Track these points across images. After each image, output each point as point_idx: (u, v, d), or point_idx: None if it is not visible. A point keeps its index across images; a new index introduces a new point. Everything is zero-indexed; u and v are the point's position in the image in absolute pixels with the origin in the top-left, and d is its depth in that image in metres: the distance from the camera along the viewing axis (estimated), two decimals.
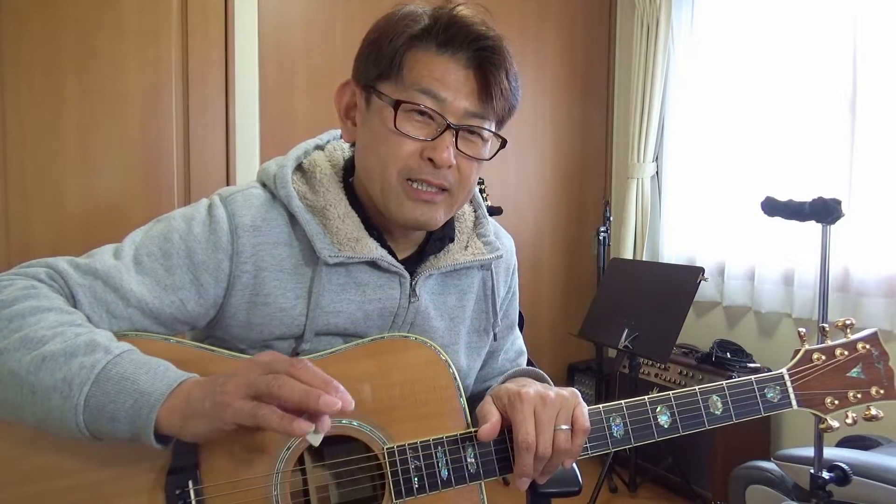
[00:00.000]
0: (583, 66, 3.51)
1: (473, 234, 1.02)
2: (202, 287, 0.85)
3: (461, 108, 0.83)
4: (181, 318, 0.85)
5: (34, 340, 0.71)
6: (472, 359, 1.04)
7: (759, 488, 1.90)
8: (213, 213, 0.86)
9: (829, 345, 0.98)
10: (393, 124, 0.82)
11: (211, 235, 0.85)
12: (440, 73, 0.82)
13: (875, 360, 0.97)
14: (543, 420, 0.80)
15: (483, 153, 0.88)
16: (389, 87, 0.84)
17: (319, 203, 0.89)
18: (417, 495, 0.82)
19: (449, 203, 0.89)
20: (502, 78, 0.84)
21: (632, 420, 0.88)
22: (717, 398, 0.91)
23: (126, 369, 0.70)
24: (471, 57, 0.83)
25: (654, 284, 2.61)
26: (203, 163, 2.47)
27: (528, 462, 0.80)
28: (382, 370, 0.87)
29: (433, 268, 0.95)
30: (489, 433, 0.82)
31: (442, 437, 0.84)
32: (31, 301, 0.75)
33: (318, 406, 0.66)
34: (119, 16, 2.29)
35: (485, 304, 1.04)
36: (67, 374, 0.69)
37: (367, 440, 0.83)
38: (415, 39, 0.83)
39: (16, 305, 0.74)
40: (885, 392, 0.96)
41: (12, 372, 0.70)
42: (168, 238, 0.85)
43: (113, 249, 0.85)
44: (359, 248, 0.88)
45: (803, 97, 2.62)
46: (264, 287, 0.86)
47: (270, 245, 0.87)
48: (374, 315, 0.92)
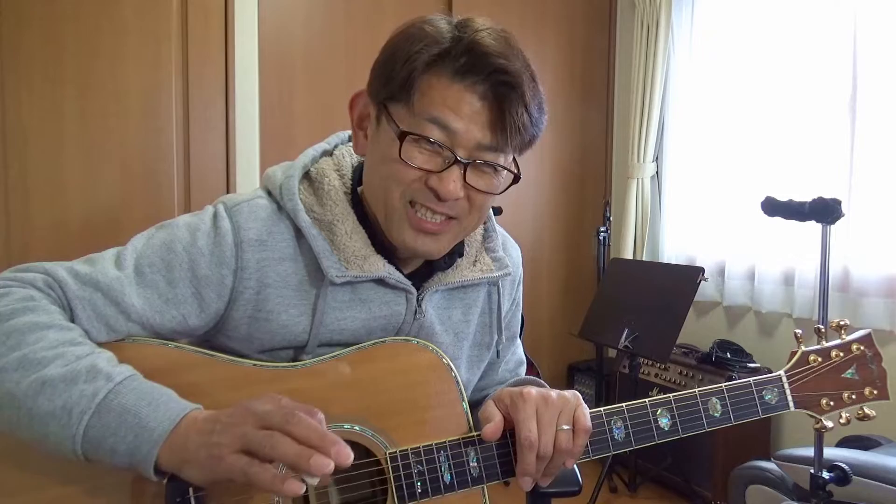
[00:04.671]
0: (583, 66, 3.51)
1: (482, 248, 1.00)
2: (204, 301, 0.83)
3: (473, 141, 0.79)
4: (181, 331, 0.84)
5: (33, 362, 0.69)
6: (472, 372, 1.03)
7: (759, 488, 1.90)
8: (217, 225, 0.84)
9: (825, 346, 0.98)
10: (398, 154, 0.79)
11: (215, 249, 0.83)
12: (454, 102, 0.78)
13: (869, 360, 0.98)
14: (545, 419, 0.80)
15: (495, 186, 0.84)
16: (399, 112, 0.80)
17: (327, 217, 0.87)
18: (420, 500, 0.82)
19: (456, 231, 0.87)
20: (519, 108, 0.79)
21: (633, 423, 0.88)
22: (717, 400, 0.91)
23: (128, 400, 0.69)
24: (488, 89, 0.78)
25: (654, 284, 2.61)
26: (203, 163, 2.47)
27: (531, 461, 0.80)
28: (384, 374, 0.86)
29: (440, 283, 0.93)
30: (493, 433, 0.82)
31: (444, 441, 0.84)
32: (30, 315, 0.73)
33: (310, 469, 0.64)
34: (119, 16, 2.29)
35: (489, 318, 1.03)
36: (67, 401, 0.68)
37: (369, 445, 0.83)
38: (432, 64, 0.78)
39: (14, 319, 0.72)
40: (878, 393, 0.98)
41: (10, 393, 0.68)
42: (171, 248, 0.82)
43: (114, 257, 0.83)
44: (366, 267, 0.86)
45: (803, 97, 2.62)
46: (267, 303, 0.85)
47: (275, 261, 0.85)
48: (378, 330, 0.91)
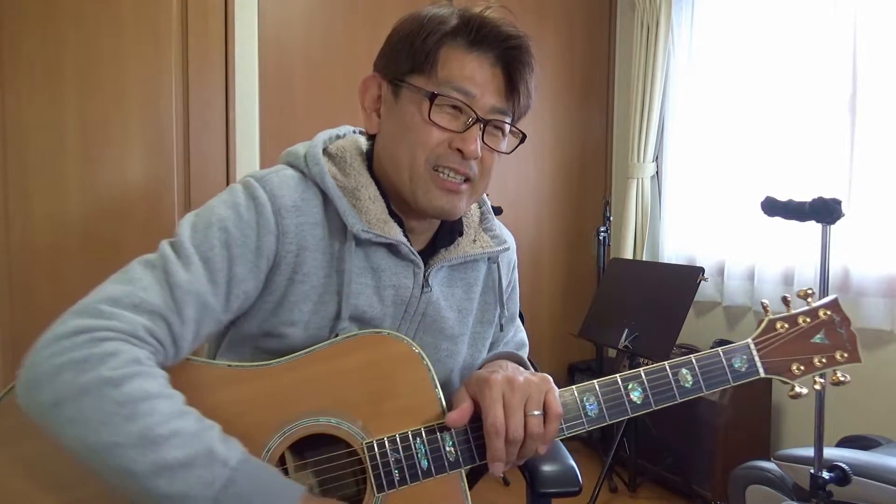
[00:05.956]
0: (583, 66, 3.50)
1: (480, 228, 1.06)
2: (259, 271, 0.86)
3: (488, 104, 0.89)
4: (240, 311, 0.88)
5: (151, 440, 0.71)
6: (477, 349, 1.06)
7: (759, 488, 1.90)
8: (254, 195, 0.87)
9: (791, 313, 0.99)
10: (427, 115, 0.87)
11: (259, 218, 0.86)
12: (470, 70, 0.87)
13: (837, 325, 0.98)
14: (512, 403, 0.82)
15: (503, 147, 0.93)
16: (422, 81, 0.88)
17: (350, 184, 0.92)
18: (399, 487, 0.84)
19: (470, 193, 0.93)
20: (527, 76, 0.90)
21: (605, 398, 0.90)
22: (687, 371, 0.93)
23: (243, 489, 0.73)
24: (499, 56, 0.89)
25: (654, 284, 2.61)
26: (203, 163, 2.47)
27: (500, 447, 0.82)
28: (359, 366, 0.88)
29: (445, 259, 0.98)
30: (458, 419, 0.84)
31: (419, 428, 0.86)
32: (140, 381, 0.73)
33: None
34: (119, 16, 2.29)
35: (490, 295, 1.07)
36: (184, 487, 0.71)
37: (347, 437, 0.84)
38: (447, 37, 0.87)
39: (125, 387, 0.72)
40: (849, 356, 0.98)
41: (130, 472, 0.70)
42: (225, 229, 0.84)
43: (175, 259, 0.81)
44: (386, 230, 0.91)
45: (803, 97, 2.62)
46: (304, 266, 0.88)
47: (311, 225, 0.89)
48: (389, 301, 0.94)
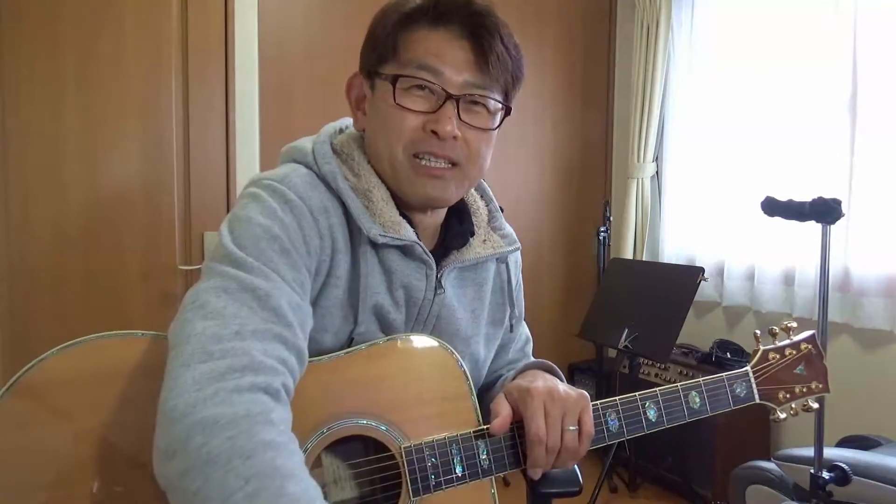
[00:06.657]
0: (583, 66, 3.50)
1: (489, 228, 1.04)
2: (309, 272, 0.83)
3: (460, 80, 0.84)
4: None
5: None
6: (489, 349, 1.06)
7: (759, 488, 1.90)
8: (287, 199, 0.82)
9: (780, 345, 1.11)
10: (393, 99, 0.84)
11: (302, 221, 0.82)
12: (435, 47, 0.83)
13: (814, 358, 1.12)
14: (553, 414, 0.86)
15: (489, 124, 0.88)
16: (389, 68, 0.86)
17: (362, 186, 0.88)
18: (434, 492, 0.85)
19: (459, 178, 0.89)
20: (497, 43, 0.84)
21: (625, 415, 0.96)
22: (696, 394, 1.02)
23: None
24: (464, 27, 0.84)
25: (654, 284, 2.61)
26: (203, 163, 2.47)
27: (541, 454, 0.86)
28: (397, 370, 0.88)
29: (457, 261, 0.96)
30: (500, 427, 0.87)
31: (456, 435, 0.87)
32: (271, 454, 0.66)
33: None
34: (119, 16, 2.29)
35: (500, 295, 1.05)
36: None
37: (384, 439, 0.84)
38: (407, 19, 0.84)
39: (254, 459, 0.64)
40: (822, 386, 1.12)
41: None
42: (273, 237, 0.79)
43: (254, 275, 0.76)
44: (402, 232, 0.87)
45: (803, 97, 2.62)
46: (337, 269, 0.85)
47: (338, 226, 0.86)
48: (402, 302, 0.91)
